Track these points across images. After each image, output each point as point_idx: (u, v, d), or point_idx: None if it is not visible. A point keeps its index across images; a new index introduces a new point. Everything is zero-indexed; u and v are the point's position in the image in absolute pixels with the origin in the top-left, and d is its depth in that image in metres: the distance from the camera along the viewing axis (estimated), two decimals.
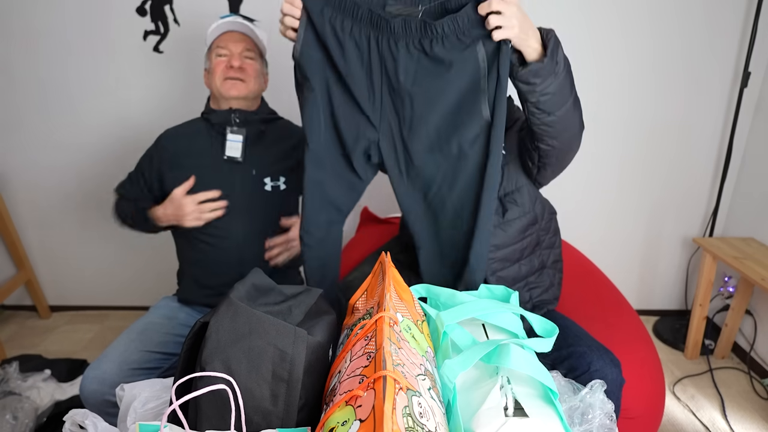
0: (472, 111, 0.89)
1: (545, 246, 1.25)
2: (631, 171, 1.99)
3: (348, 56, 0.89)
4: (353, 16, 0.86)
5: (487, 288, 0.91)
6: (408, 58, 0.87)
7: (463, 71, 0.86)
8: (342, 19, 0.87)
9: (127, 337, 1.21)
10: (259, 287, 0.76)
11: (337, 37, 0.88)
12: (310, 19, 0.88)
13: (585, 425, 0.69)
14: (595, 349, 1.06)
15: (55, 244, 2.20)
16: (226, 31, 1.32)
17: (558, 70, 0.87)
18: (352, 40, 0.88)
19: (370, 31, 0.87)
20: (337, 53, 0.89)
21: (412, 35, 0.85)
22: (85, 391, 1.10)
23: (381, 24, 0.86)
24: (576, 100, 0.96)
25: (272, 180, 1.33)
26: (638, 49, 1.81)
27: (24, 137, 2.00)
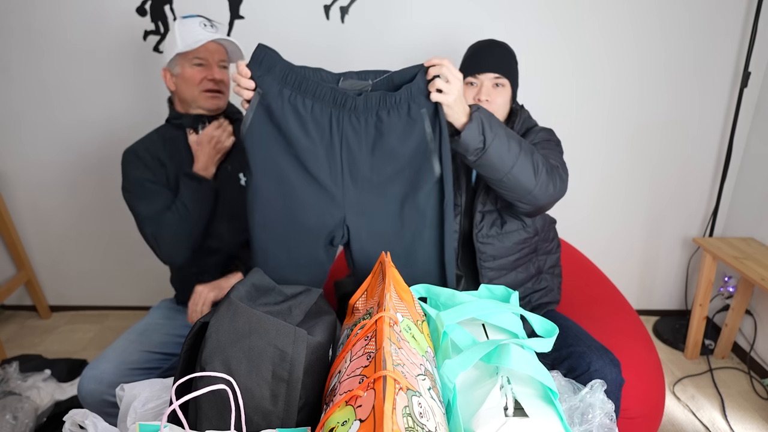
0: (425, 169, 0.94)
1: (542, 252, 1.26)
2: (631, 171, 1.99)
3: (311, 135, 0.90)
4: (314, 95, 0.88)
5: (487, 288, 0.91)
6: (366, 130, 0.92)
7: (414, 134, 0.92)
8: (303, 99, 0.88)
9: (127, 338, 1.21)
10: (259, 287, 0.76)
11: (300, 116, 0.89)
12: (263, 101, 0.88)
13: (585, 425, 0.69)
14: (594, 349, 1.06)
15: (55, 244, 2.20)
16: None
17: (486, 144, 0.94)
18: (314, 118, 0.89)
19: (331, 109, 0.89)
20: (297, 132, 0.89)
21: (371, 108, 0.90)
22: (83, 391, 1.10)
23: (345, 101, 0.89)
24: (524, 167, 0.99)
25: (245, 175, 1.33)
26: (638, 49, 1.81)
27: (24, 137, 2.00)
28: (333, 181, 0.94)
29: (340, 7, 1.76)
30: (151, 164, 1.26)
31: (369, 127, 0.92)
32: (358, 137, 0.92)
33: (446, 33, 1.80)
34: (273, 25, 1.79)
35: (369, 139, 0.92)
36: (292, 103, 0.88)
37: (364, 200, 0.96)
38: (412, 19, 1.78)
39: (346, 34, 1.80)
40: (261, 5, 1.76)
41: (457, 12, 1.77)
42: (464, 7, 1.76)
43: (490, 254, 1.19)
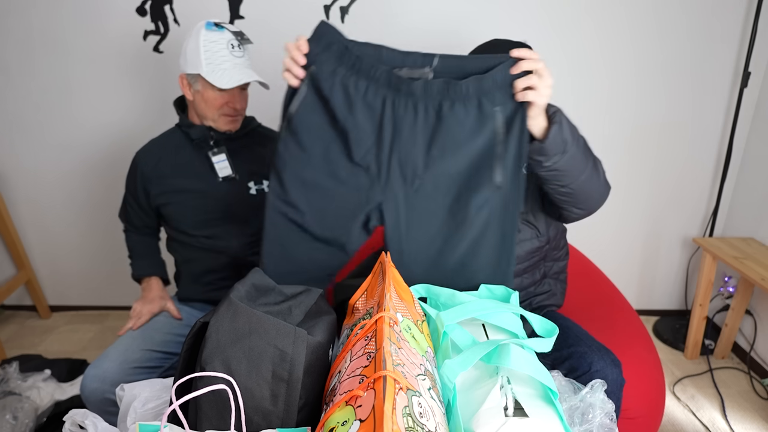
0: (482, 176, 0.85)
1: (550, 259, 1.24)
2: (631, 171, 1.99)
3: (357, 117, 0.85)
4: (369, 77, 0.83)
5: (487, 288, 0.91)
6: (425, 120, 0.84)
7: (478, 135, 0.83)
8: (356, 80, 0.83)
9: (129, 337, 1.21)
10: (259, 287, 0.76)
11: (349, 97, 0.84)
12: (314, 80, 0.85)
13: (585, 425, 0.69)
14: (595, 350, 1.06)
15: (55, 244, 2.20)
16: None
17: (567, 149, 0.85)
18: (365, 101, 0.84)
19: (386, 93, 0.83)
20: (343, 113, 0.85)
21: (432, 97, 0.82)
22: (85, 390, 1.10)
23: (400, 85, 0.82)
24: (593, 173, 0.92)
25: (256, 184, 1.33)
26: (638, 49, 1.81)
27: (24, 137, 2.00)
28: (377, 168, 0.87)
29: (340, 7, 1.76)
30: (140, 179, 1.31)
31: (428, 118, 0.83)
32: (413, 127, 0.84)
33: (446, 33, 1.80)
34: (273, 25, 1.79)
35: (426, 131, 0.84)
36: (343, 84, 0.84)
37: (409, 196, 0.88)
38: (412, 19, 1.78)
39: (346, 34, 1.80)
40: (261, 5, 1.76)
41: (456, 12, 1.77)
42: (463, 8, 1.76)
43: None
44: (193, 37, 1.20)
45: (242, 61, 1.23)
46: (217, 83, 1.17)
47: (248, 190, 1.32)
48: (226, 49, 1.20)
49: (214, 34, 1.19)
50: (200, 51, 1.17)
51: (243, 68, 1.22)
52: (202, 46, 1.18)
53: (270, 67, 1.85)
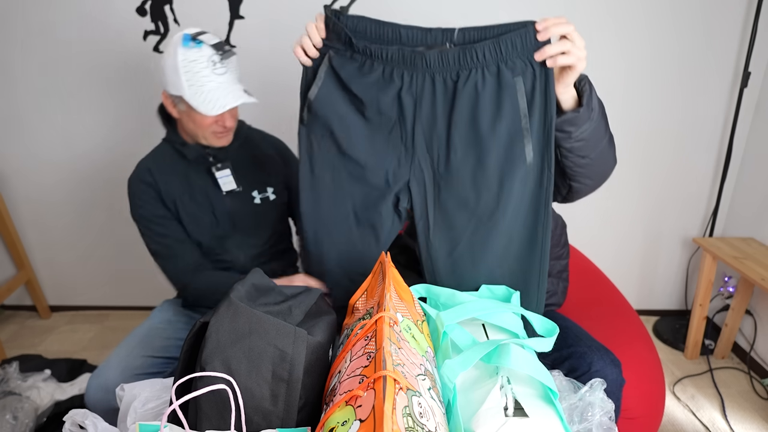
0: (512, 153, 0.81)
1: (552, 257, 1.24)
2: (631, 171, 1.99)
3: (378, 98, 0.84)
4: (386, 57, 0.81)
5: (488, 288, 0.91)
6: (444, 93, 0.81)
7: (504, 106, 0.79)
8: (372, 61, 0.82)
9: (129, 343, 1.20)
10: (259, 287, 0.76)
11: (367, 78, 0.84)
12: (332, 65, 0.85)
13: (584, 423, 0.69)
14: (595, 350, 1.06)
15: (55, 244, 2.20)
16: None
17: (593, 116, 0.81)
18: (384, 81, 0.83)
19: (404, 70, 0.81)
20: (364, 95, 0.84)
21: (449, 67, 0.78)
22: (90, 400, 1.09)
23: (415, 60, 0.79)
24: (610, 140, 0.89)
25: (260, 192, 1.29)
26: (638, 49, 1.81)
27: (24, 137, 2.00)
28: (402, 146, 0.86)
29: (340, 7, 1.76)
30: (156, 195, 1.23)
31: (447, 91, 0.80)
32: (433, 102, 0.81)
33: None
34: (273, 25, 1.79)
35: (446, 106, 0.81)
36: (361, 66, 0.83)
37: (436, 175, 0.87)
38: (411, 19, 1.78)
39: None
40: (261, 5, 1.76)
41: (456, 11, 1.77)
42: (463, 8, 1.76)
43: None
44: (170, 55, 1.08)
45: (227, 78, 1.11)
46: (202, 110, 1.08)
47: (253, 200, 1.29)
48: (208, 68, 1.08)
49: (192, 51, 1.07)
50: (180, 72, 1.07)
51: (229, 87, 1.11)
52: (181, 67, 1.07)
53: (270, 67, 1.86)
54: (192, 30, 1.10)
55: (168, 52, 1.09)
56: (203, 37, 1.09)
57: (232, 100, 1.09)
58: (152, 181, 1.22)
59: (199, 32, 1.10)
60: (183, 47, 1.07)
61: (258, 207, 1.29)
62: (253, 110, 1.92)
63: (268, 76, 1.87)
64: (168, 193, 1.22)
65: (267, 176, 1.31)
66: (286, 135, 1.94)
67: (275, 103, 1.91)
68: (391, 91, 0.82)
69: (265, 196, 1.30)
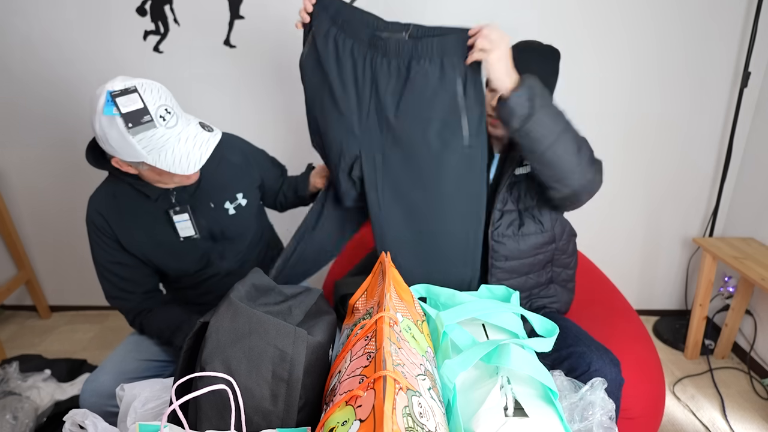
0: (452, 128, 0.96)
1: (558, 264, 1.23)
2: (631, 171, 1.99)
3: (343, 73, 0.98)
4: (355, 36, 0.96)
5: (488, 288, 0.91)
6: (397, 77, 0.96)
7: (444, 89, 0.94)
8: (345, 38, 0.97)
9: (124, 348, 1.20)
10: (259, 287, 0.76)
11: (338, 53, 0.98)
12: (314, 38, 0.99)
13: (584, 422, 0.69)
14: (594, 349, 1.06)
15: (55, 244, 2.20)
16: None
17: (533, 112, 0.90)
18: (350, 58, 0.97)
19: (366, 51, 0.96)
20: (333, 68, 0.98)
21: (403, 55, 0.94)
22: (85, 404, 1.09)
23: (378, 44, 0.95)
24: (569, 144, 0.95)
25: (232, 202, 1.23)
26: (638, 49, 1.80)
27: (24, 137, 2.00)
28: (358, 121, 1.01)
29: None
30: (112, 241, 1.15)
31: (401, 72, 0.96)
32: (387, 80, 0.97)
33: None
34: (273, 25, 1.79)
35: (398, 85, 0.96)
36: (335, 40, 0.97)
37: (385, 147, 1.02)
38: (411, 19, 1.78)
39: None
40: (261, 5, 1.76)
41: (457, 10, 1.77)
42: (464, 6, 1.76)
43: (502, 254, 1.15)
44: (107, 125, 0.95)
45: (182, 126, 1.00)
46: (177, 170, 0.98)
47: (227, 213, 1.22)
48: (158, 127, 0.96)
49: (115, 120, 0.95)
50: (132, 142, 0.95)
51: (192, 135, 1.00)
52: (131, 138, 0.95)
53: (270, 66, 1.86)
54: (114, 86, 0.97)
55: (102, 120, 0.96)
56: (120, 101, 0.95)
57: (204, 151, 1.00)
58: (105, 226, 1.13)
59: (122, 91, 0.96)
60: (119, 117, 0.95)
61: (234, 217, 1.24)
62: (254, 110, 1.92)
63: (268, 76, 1.87)
64: (127, 236, 1.14)
65: (235, 184, 1.25)
66: (287, 134, 1.95)
67: (275, 103, 1.91)
68: (354, 67, 0.98)
69: (237, 203, 1.24)
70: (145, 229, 1.15)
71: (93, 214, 1.14)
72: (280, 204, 1.47)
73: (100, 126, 0.97)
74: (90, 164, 1.08)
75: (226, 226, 1.22)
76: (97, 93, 0.99)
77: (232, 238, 1.25)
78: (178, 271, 1.21)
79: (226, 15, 1.78)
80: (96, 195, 1.15)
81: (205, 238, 1.21)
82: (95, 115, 0.97)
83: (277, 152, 1.52)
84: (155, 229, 1.15)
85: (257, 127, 1.93)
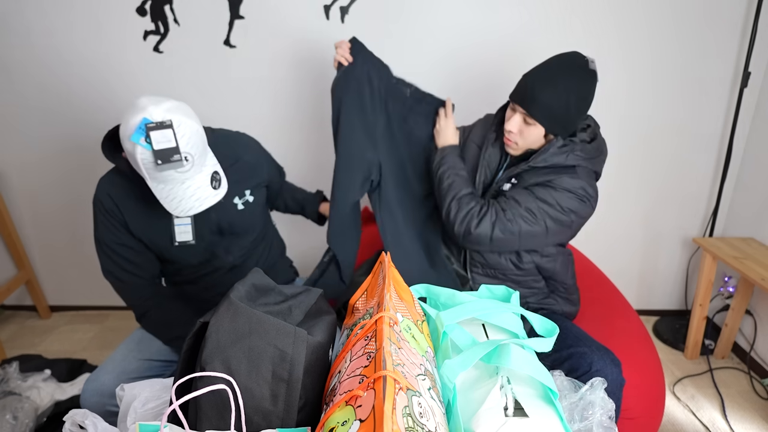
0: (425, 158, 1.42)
1: (558, 280, 1.28)
2: (631, 171, 1.99)
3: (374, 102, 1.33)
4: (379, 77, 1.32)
5: (488, 288, 0.91)
6: (399, 120, 1.38)
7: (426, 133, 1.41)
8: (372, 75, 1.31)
9: (126, 347, 1.20)
10: (259, 287, 0.76)
11: (372, 87, 1.31)
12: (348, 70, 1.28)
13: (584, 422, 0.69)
14: (595, 350, 1.06)
15: (55, 244, 2.20)
16: None
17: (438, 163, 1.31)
18: (379, 90, 1.32)
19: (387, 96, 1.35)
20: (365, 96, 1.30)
21: (405, 106, 1.38)
22: (86, 404, 1.09)
23: (394, 92, 1.36)
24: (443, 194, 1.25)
25: (240, 198, 1.26)
26: (638, 49, 1.80)
27: (24, 137, 2.00)
28: (375, 137, 1.34)
29: (340, 7, 1.76)
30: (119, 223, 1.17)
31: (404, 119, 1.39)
32: (398, 118, 1.38)
33: (446, 32, 1.80)
34: (273, 25, 1.79)
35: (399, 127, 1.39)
36: (369, 76, 1.29)
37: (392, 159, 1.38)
38: (412, 19, 1.78)
39: (346, 34, 1.79)
40: (261, 5, 1.76)
41: (457, 10, 1.77)
42: (467, 6, 1.76)
43: (477, 261, 1.26)
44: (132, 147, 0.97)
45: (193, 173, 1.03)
46: (166, 206, 1.02)
47: (236, 207, 1.25)
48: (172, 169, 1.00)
49: (149, 153, 0.97)
50: (140, 166, 0.98)
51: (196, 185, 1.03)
52: (141, 163, 0.98)
53: (269, 67, 1.86)
54: (154, 117, 0.97)
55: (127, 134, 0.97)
56: (154, 136, 0.96)
57: (197, 205, 1.03)
58: (114, 209, 1.15)
59: (158, 124, 0.96)
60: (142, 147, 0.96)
61: (242, 212, 1.26)
62: (254, 110, 1.92)
63: (268, 76, 1.87)
64: (135, 222, 1.15)
65: (245, 181, 1.27)
66: (286, 134, 1.95)
67: (274, 103, 1.91)
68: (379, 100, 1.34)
69: (245, 199, 1.27)
70: (150, 220, 1.16)
71: (102, 195, 1.16)
72: (278, 207, 1.54)
73: (124, 131, 0.99)
74: (103, 155, 1.10)
75: (234, 220, 1.25)
76: (137, 105, 0.98)
77: (238, 233, 1.28)
78: (181, 260, 1.23)
79: (226, 15, 1.78)
80: (106, 177, 1.18)
81: (213, 232, 1.23)
82: (126, 120, 0.98)
83: (277, 151, 1.52)
84: (161, 223, 1.17)
85: (257, 126, 1.92)
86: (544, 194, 1.13)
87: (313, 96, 1.88)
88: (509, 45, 1.79)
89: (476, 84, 1.84)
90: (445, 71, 1.84)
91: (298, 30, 1.80)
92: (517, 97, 1.14)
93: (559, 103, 1.09)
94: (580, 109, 1.12)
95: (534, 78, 1.12)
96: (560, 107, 1.09)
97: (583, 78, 1.10)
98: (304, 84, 1.87)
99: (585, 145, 1.17)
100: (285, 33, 1.80)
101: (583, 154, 1.15)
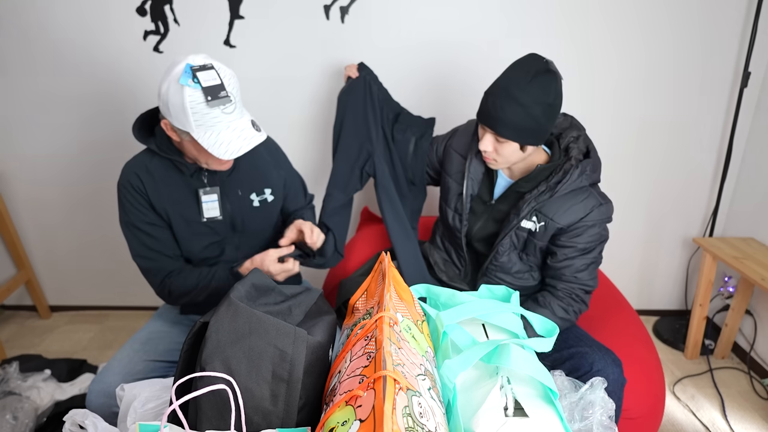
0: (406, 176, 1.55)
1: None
2: (631, 171, 1.99)
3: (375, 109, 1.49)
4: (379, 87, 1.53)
5: (488, 288, 0.91)
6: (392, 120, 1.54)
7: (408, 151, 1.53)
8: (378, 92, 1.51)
9: (131, 348, 1.19)
10: (259, 287, 0.76)
11: (373, 99, 1.49)
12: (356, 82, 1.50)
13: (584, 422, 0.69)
14: (596, 349, 1.06)
15: (55, 243, 2.20)
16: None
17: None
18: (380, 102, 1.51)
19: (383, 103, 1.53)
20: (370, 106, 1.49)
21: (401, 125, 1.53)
22: (92, 405, 1.08)
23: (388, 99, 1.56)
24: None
25: (258, 195, 1.27)
26: (638, 49, 1.80)
27: (24, 137, 2.00)
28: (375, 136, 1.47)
29: (340, 7, 1.76)
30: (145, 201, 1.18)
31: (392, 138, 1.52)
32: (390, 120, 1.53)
33: (446, 33, 1.79)
34: (273, 25, 1.79)
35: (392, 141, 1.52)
36: (371, 89, 1.49)
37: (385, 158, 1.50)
38: (412, 19, 1.78)
39: (346, 34, 1.80)
40: (261, 5, 1.76)
41: (457, 10, 1.77)
42: (464, 6, 1.76)
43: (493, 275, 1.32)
44: (174, 91, 1.01)
45: (236, 116, 1.06)
46: (214, 152, 1.03)
47: (251, 203, 1.27)
48: (218, 108, 1.03)
49: (199, 93, 1.01)
50: (187, 112, 1.01)
51: (240, 127, 1.06)
52: (189, 108, 1.00)
53: (269, 67, 1.86)
54: (195, 61, 1.02)
55: (171, 86, 1.01)
56: (201, 75, 1.01)
57: (245, 144, 1.06)
58: (141, 187, 1.17)
59: (201, 66, 1.01)
60: (191, 88, 1.00)
61: (257, 210, 1.27)
62: (254, 110, 1.92)
63: (268, 76, 1.87)
64: (159, 201, 1.18)
65: (264, 179, 1.29)
66: (286, 133, 1.94)
67: (275, 103, 1.91)
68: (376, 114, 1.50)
69: (263, 198, 1.28)
70: (173, 199, 1.19)
71: (130, 175, 1.18)
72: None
73: (167, 89, 1.02)
74: (134, 137, 1.15)
75: (248, 216, 1.26)
76: (175, 61, 1.04)
77: (249, 232, 1.28)
78: (188, 252, 1.23)
79: (226, 15, 1.78)
80: (132, 161, 1.21)
81: (226, 225, 1.24)
82: (167, 78, 1.02)
83: None
84: (182, 203, 1.19)
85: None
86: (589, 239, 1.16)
87: (314, 96, 1.88)
88: (516, 42, 1.79)
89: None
90: (447, 70, 1.85)
91: (298, 30, 1.80)
92: (482, 118, 1.12)
93: (524, 117, 1.06)
94: (549, 115, 1.09)
95: (494, 96, 1.09)
96: (527, 120, 1.06)
97: (544, 84, 1.05)
98: (304, 84, 1.87)
99: (589, 162, 1.17)
100: (285, 33, 1.80)
101: (589, 171, 1.16)
